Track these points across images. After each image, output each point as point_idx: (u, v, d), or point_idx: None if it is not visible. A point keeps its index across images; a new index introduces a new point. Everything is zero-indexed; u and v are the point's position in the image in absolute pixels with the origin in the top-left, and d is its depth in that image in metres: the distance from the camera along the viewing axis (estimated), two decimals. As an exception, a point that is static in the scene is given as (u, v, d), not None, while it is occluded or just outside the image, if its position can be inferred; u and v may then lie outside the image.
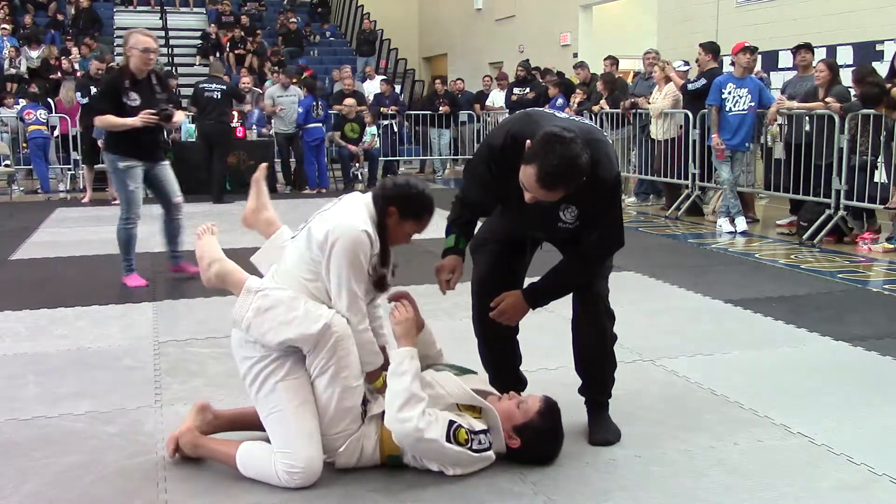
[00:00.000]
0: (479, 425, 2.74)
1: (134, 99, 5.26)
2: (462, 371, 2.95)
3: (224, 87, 10.99)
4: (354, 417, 2.73)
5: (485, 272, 3.09)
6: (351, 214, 2.72)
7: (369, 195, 2.82)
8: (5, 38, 15.69)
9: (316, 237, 2.69)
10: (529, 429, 2.77)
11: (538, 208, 2.72)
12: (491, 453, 2.75)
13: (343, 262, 2.64)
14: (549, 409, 2.83)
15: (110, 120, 5.23)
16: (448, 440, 2.65)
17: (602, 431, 3.04)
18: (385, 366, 2.81)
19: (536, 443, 2.80)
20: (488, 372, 3.22)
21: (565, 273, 2.94)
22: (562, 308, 3.16)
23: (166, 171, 5.63)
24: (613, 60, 11.24)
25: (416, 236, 2.88)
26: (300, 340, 2.63)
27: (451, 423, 2.68)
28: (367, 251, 2.66)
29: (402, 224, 2.78)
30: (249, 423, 2.95)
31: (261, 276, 2.92)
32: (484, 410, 2.79)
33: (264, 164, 3.23)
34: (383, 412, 2.76)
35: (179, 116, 5.62)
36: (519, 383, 3.25)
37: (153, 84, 5.40)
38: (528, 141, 2.60)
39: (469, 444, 2.68)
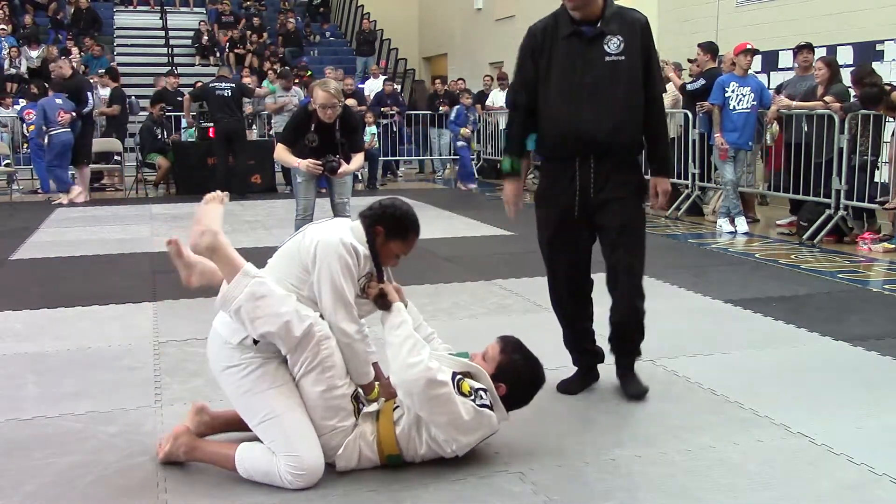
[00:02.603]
0: (476, 384, 2.79)
1: (313, 140, 5.66)
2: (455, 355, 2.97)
3: (233, 85, 11.13)
4: (346, 414, 2.74)
5: (563, 277, 3.49)
6: (338, 230, 2.84)
7: (358, 220, 2.92)
8: (5, 39, 15.68)
9: (306, 245, 2.78)
10: (503, 369, 2.83)
11: (584, 50, 3.23)
12: (493, 414, 2.76)
13: (335, 272, 2.73)
14: (508, 343, 2.91)
15: (282, 155, 5.77)
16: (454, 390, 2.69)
17: (635, 385, 3.44)
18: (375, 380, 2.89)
19: (517, 377, 2.85)
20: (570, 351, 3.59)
21: (657, 132, 3.52)
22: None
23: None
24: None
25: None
26: (284, 335, 2.64)
27: (455, 374, 2.73)
28: (354, 262, 2.76)
29: (388, 244, 2.87)
30: (246, 425, 2.95)
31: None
32: (475, 374, 2.83)
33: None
34: (377, 412, 2.79)
35: (351, 166, 5.83)
36: (596, 356, 3.60)
37: (335, 129, 5.65)
38: None
39: (472, 398, 2.72)
